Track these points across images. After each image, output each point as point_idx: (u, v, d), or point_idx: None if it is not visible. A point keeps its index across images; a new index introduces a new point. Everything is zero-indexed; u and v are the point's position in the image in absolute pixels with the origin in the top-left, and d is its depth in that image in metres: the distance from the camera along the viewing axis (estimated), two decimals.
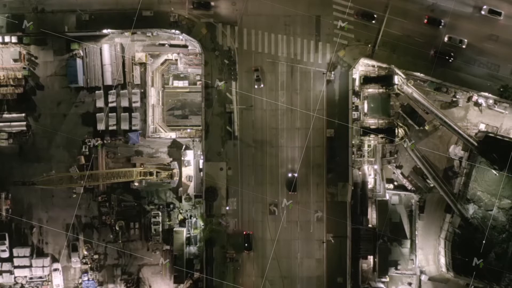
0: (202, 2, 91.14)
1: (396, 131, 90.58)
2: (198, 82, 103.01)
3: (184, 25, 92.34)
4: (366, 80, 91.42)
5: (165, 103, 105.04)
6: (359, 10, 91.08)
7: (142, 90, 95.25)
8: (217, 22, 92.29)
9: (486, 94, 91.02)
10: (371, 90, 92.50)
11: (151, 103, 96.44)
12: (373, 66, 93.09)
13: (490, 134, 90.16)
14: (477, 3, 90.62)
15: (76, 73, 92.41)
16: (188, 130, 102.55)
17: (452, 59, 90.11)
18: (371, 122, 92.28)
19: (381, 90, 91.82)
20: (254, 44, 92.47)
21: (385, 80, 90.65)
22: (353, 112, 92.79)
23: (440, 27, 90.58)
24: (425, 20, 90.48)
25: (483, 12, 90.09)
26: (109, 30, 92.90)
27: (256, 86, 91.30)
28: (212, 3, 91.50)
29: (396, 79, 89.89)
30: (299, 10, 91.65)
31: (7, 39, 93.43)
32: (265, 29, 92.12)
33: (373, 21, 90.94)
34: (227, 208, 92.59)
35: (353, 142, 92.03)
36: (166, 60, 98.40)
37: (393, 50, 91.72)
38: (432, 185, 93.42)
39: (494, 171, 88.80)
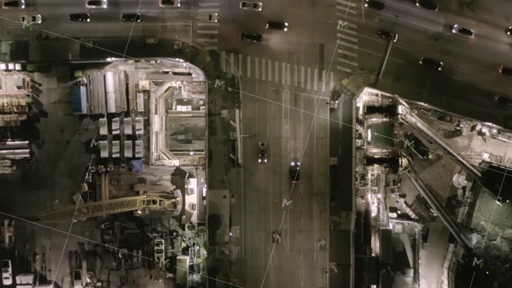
0: (254, 34, 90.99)
1: (400, 160, 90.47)
2: (202, 107, 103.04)
3: (188, 52, 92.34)
4: (370, 109, 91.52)
5: (168, 127, 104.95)
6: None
7: (146, 118, 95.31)
8: (221, 50, 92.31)
9: (490, 124, 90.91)
10: (375, 119, 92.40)
11: (155, 130, 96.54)
12: (377, 95, 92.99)
13: (494, 165, 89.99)
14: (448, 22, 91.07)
15: (80, 101, 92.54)
16: (191, 153, 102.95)
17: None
18: (375, 151, 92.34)
19: (384, 120, 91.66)
20: (258, 72, 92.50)
21: (388, 109, 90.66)
22: (357, 140, 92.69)
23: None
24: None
25: (454, 31, 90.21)
26: (113, 59, 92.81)
27: (260, 160, 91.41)
28: (263, 36, 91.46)
29: (400, 109, 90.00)
30: (302, 38, 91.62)
31: (11, 66, 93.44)
32: (268, 57, 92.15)
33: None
34: (230, 234, 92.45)
35: (356, 170, 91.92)
36: (169, 87, 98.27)
37: (397, 79, 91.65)
38: (435, 214, 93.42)
39: (497, 202, 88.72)
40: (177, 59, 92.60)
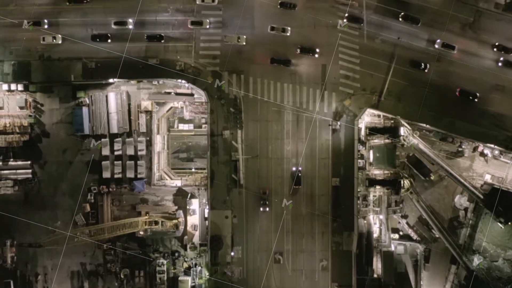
0: (283, 59, 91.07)
1: (402, 182, 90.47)
2: (204, 125, 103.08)
3: (190, 73, 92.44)
4: (372, 131, 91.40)
5: (170, 146, 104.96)
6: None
7: (148, 138, 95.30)
8: (223, 71, 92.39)
9: (492, 145, 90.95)
10: (377, 140, 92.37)
11: (157, 150, 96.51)
12: (379, 116, 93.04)
13: (496, 186, 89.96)
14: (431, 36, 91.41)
15: (82, 121, 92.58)
16: (193, 169, 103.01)
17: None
18: (377, 173, 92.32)
19: (387, 141, 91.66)
20: (260, 93, 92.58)
21: (391, 131, 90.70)
22: (359, 161, 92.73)
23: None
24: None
25: (436, 46, 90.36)
26: (115, 80, 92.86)
27: (261, 209, 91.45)
28: (293, 61, 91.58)
29: (402, 131, 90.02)
30: (305, 59, 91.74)
31: (13, 87, 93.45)
32: (271, 78, 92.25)
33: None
34: (232, 254, 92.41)
35: (358, 191, 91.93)
36: (171, 107, 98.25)
37: (399, 100, 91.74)
38: (437, 235, 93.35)
39: (500, 224, 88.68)
40: (179, 81, 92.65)
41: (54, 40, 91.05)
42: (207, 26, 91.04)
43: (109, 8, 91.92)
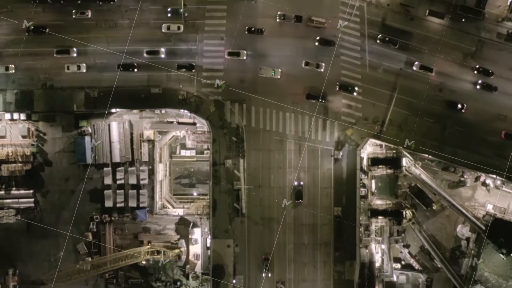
0: (314, 94, 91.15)
1: (404, 213, 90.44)
2: (205, 151, 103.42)
3: (193, 102, 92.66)
4: (374, 161, 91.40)
5: (172, 172, 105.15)
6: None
7: (150, 167, 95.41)
8: (226, 100, 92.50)
9: (494, 176, 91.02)
10: (379, 170, 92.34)
11: (159, 179, 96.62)
12: (381, 145, 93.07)
13: (498, 217, 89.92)
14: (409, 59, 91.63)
15: (85, 151, 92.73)
16: (195, 194, 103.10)
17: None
18: (379, 203, 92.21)
19: (389, 172, 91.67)
20: (262, 122, 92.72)
21: (393, 162, 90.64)
22: (361, 189, 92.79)
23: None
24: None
25: (414, 68, 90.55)
26: (117, 110, 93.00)
27: (263, 275, 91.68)
28: (329, 97, 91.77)
29: (404, 161, 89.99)
30: (306, 88, 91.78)
31: (15, 116, 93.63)
32: (273, 107, 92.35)
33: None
34: (234, 281, 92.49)
35: (360, 219, 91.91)
36: (174, 136, 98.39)
37: (401, 129, 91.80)
38: (439, 265, 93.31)
39: (501, 255, 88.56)
40: (181, 111, 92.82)
41: (79, 70, 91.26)
42: (244, 57, 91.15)
43: (112, 37, 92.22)
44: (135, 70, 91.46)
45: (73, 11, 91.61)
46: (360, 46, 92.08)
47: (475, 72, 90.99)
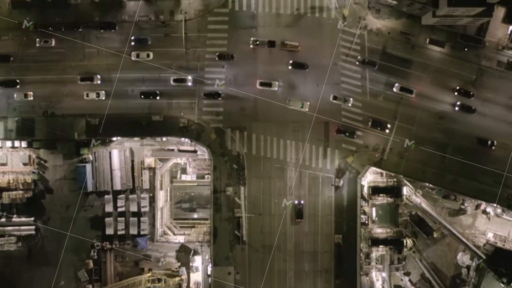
0: (348, 132, 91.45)
1: (404, 242, 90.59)
2: (206, 176, 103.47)
3: (194, 130, 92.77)
4: (375, 190, 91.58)
5: (173, 196, 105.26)
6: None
7: (151, 194, 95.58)
8: (226, 128, 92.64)
9: (494, 205, 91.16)
10: (380, 199, 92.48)
11: (160, 206, 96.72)
12: (382, 174, 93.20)
13: (498, 246, 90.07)
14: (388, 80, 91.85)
15: (85, 180, 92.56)
16: (195, 215, 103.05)
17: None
18: (379, 231, 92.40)
19: (389, 200, 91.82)
20: (263, 150, 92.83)
21: (393, 191, 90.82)
22: (362, 216, 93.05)
23: None
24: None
25: (394, 90, 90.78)
26: (118, 138, 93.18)
27: None
28: (359, 133, 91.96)
29: (405, 190, 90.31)
30: (307, 116, 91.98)
31: (16, 143, 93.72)
32: (274, 135, 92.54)
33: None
34: None
35: (361, 247, 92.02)
36: (174, 163, 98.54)
37: (401, 157, 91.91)
38: None
39: (502, 285, 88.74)
40: (182, 139, 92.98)
41: (98, 97, 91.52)
42: (276, 88, 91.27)
43: (113, 64, 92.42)
44: (157, 98, 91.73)
45: (37, 39, 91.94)
46: (360, 74, 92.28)
47: (455, 93, 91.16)
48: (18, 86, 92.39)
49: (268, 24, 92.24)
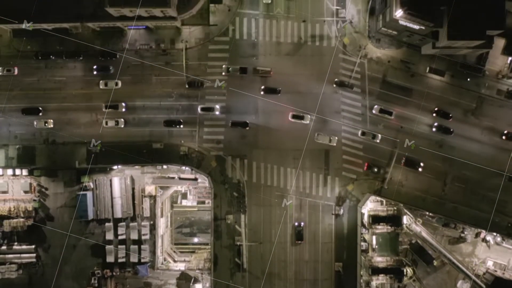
0: (377, 168, 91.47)
1: (405, 270, 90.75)
2: (207, 201, 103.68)
3: (194, 157, 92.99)
4: (375, 219, 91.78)
5: (173, 221, 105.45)
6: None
7: (152, 222, 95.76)
8: (227, 155, 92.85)
9: (494, 234, 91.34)
10: (380, 227, 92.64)
11: (160, 233, 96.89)
12: (382, 202, 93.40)
13: (498, 275, 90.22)
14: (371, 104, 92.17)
15: (86, 208, 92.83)
16: (196, 239, 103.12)
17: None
18: (380, 260, 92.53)
19: (389, 229, 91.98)
20: (263, 177, 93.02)
21: (393, 220, 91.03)
22: (362, 243, 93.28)
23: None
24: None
25: (374, 111, 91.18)
26: (119, 166, 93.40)
27: None
28: (387, 169, 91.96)
29: (405, 219, 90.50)
30: (308, 144, 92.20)
31: (17, 171, 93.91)
32: (274, 163, 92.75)
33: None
34: None
35: (361, 275, 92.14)
36: (175, 190, 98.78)
37: (401, 185, 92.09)
38: None
39: None
40: (183, 167, 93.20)
41: (117, 125, 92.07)
42: (307, 122, 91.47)
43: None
44: (181, 126, 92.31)
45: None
46: (360, 102, 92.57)
47: (434, 114, 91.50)
48: (40, 114, 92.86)
49: (269, 52, 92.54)
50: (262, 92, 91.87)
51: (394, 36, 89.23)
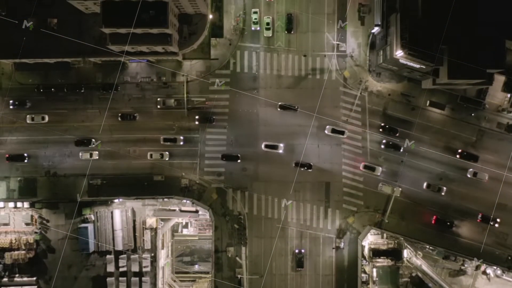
0: (449, 222, 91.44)
1: None
2: (207, 230, 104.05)
3: (195, 190, 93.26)
4: (375, 253, 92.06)
5: (174, 250, 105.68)
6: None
7: (153, 254, 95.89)
8: (228, 188, 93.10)
9: (494, 267, 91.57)
10: (381, 260, 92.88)
11: (161, 265, 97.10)
12: (382, 236, 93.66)
13: None
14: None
15: (87, 241, 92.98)
16: (196, 267, 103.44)
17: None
18: None
19: (390, 262, 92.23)
20: (264, 210, 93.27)
21: (394, 253, 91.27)
22: (362, 275, 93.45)
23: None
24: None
25: (326, 131, 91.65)
26: (120, 199, 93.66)
27: None
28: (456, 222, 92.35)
29: (405, 253, 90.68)
30: (308, 177, 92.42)
31: (19, 204, 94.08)
32: (275, 195, 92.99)
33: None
34: None
35: None
36: (176, 222, 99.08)
37: (402, 218, 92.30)
38: None
39: None
40: (184, 200, 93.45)
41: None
42: (378, 174, 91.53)
43: (114, 125, 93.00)
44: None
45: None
46: (361, 135, 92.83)
47: (381, 130, 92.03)
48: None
49: (269, 85, 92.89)
50: (196, 122, 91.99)
51: (394, 71, 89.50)
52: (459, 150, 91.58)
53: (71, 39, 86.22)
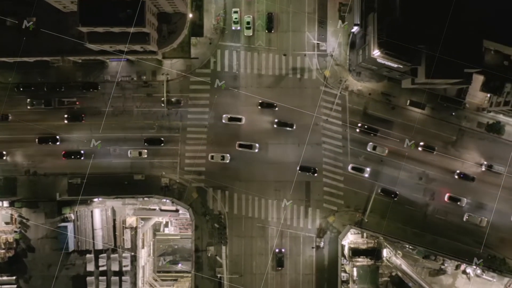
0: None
1: None
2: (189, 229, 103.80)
3: (175, 189, 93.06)
4: (355, 252, 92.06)
5: (156, 249, 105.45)
6: None
7: (133, 253, 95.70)
8: (208, 187, 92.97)
9: (474, 266, 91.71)
10: (360, 260, 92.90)
11: (142, 264, 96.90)
12: (362, 236, 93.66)
13: None
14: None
15: (67, 240, 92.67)
16: (179, 265, 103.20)
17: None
18: None
19: (370, 262, 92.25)
20: (245, 209, 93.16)
21: (374, 253, 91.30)
22: (343, 274, 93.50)
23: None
24: None
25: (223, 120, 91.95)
26: (99, 198, 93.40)
27: None
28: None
29: (385, 252, 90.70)
30: (289, 176, 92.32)
31: None
32: (255, 194, 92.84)
33: None
34: None
35: None
36: (156, 221, 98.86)
37: (382, 217, 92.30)
38: None
39: None
40: (164, 200, 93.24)
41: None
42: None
43: (95, 124, 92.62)
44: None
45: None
46: (341, 135, 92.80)
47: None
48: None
49: (250, 84, 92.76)
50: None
51: (374, 70, 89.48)
52: (359, 124, 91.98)
53: (50, 38, 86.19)
